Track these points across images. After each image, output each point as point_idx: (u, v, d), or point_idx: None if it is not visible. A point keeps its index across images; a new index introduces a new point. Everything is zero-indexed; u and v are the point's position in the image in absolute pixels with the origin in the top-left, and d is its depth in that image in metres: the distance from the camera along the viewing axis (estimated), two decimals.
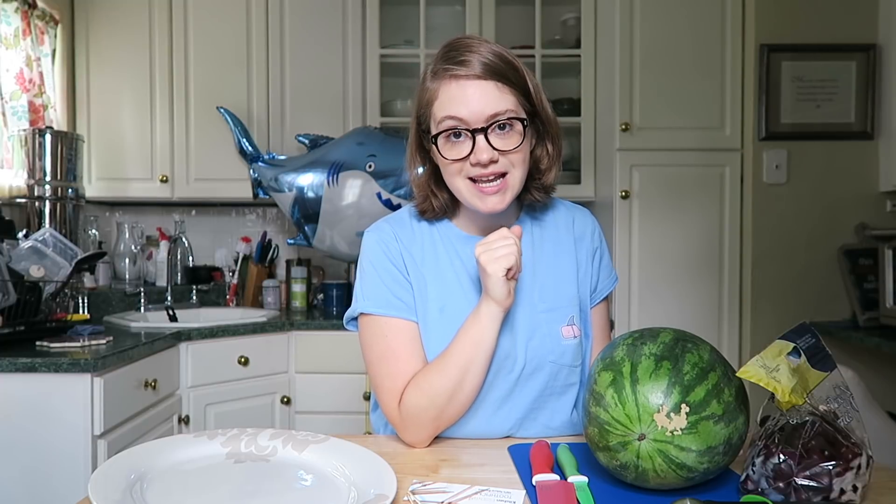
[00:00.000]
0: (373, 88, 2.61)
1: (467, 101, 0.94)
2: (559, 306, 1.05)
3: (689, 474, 0.74)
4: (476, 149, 0.95)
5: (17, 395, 1.58)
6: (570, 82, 2.76)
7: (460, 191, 1.00)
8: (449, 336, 1.00)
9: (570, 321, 1.05)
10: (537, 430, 1.05)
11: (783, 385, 0.73)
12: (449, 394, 0.96)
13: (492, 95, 0.95)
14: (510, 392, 1.03)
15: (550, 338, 1.03)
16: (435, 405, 0.96)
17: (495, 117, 0.95)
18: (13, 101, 2.26)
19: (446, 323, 1.02)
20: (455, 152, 0.97)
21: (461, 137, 0.96)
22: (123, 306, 2.55)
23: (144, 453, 0.84)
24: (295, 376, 2.32)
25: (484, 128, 0.94)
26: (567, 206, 1.14)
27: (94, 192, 2.55)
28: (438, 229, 1.09)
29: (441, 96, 0.97)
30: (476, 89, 0.95)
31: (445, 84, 0.97)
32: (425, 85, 1.01)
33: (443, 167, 1.01)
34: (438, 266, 1.06)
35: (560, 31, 2.75)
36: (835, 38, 2.31)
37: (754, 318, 2.34)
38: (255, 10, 2.59)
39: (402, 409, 0.98)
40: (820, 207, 2.32)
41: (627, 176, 2.36)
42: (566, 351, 1.04)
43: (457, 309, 1.02)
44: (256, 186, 2.57)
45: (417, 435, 0.98)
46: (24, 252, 1.86)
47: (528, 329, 1.03)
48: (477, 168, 0.96)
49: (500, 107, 0.95)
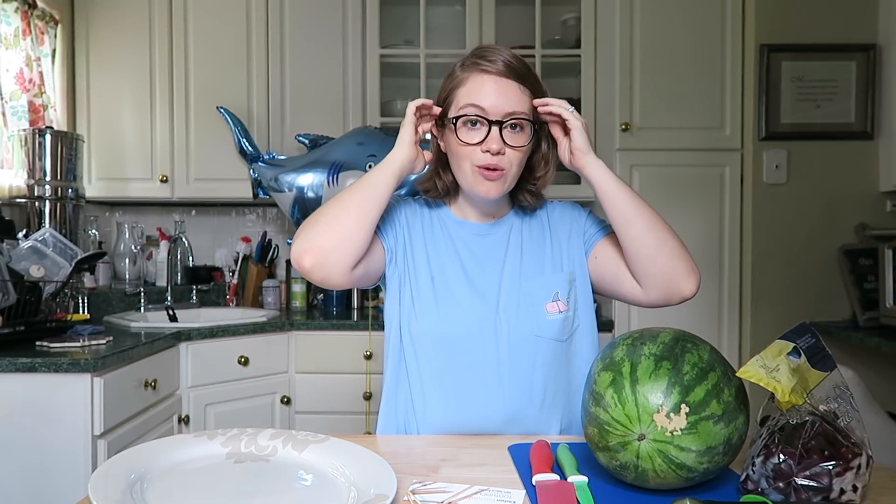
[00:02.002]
0: (373, 88, 2.61)
1: (490, 94, 1.05)
2: (543, 285, 1.11)
3: (688, 474, 0.74)
4: (489, 137, 1.04)
5: (17, 395, 1.58)
6: (570, 82, 2.76)
7: (465, 174, 1.08)
8: (438, 304, 1.09)
9: (554, 297, 1.10)
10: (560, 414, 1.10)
11: (783, 385, 0.73)
12: (328, 207, 1.05)
13: (512, 95, 1.05)
14: (505, 368, 1.07)
15: (534, 312, 1.09)
16: (315, 217, 1.05)
17: (512, 115, 1.05)
18: (13, 101, 2.26)
19: (437, 291, 1.10)
20: (469, 137, 1.06)
21: (477, 126, 1.05)
22: (123, 306, 2.55)
23: (144, 453, 0.84)
24: (295, 376, 2.32)
25: (500, 121, 1.04)
26: (552, 203, 1.22)
27: (94, 192, 2.55)
28: (437, 213, 1.18)
29: (468, 84, 1.07)
30: (500, 85, 1.05)
31: (474, 75, 1.07)
32: (454, 73, 1.10)
33: (453, 150, 1.09)
34: (435, 242, 1.15)
35: (560, 31, 2.75)
36: (835, 38, 2.31)
37: (754, 318, 2.34)
38: (255, 11, 2.59)
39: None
40: (820, 207, 2.33)
41: (627, 176, 2.36)
42: (550, 325, 1.09)
43: (445, 281, 1.11)
44: (256, 186, 2.57)
45: (297, 244, 1.03)
46: (24, 252, 1.86)
47: (515, 302, 1.10)
48: (485, 156, 1.05)
49: (518, 107, 1.05)
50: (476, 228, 1.16)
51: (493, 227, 1.16)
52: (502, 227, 1.16)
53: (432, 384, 1.09)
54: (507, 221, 1.17)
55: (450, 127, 1.08)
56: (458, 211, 1.18)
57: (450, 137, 1.09)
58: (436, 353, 1.09)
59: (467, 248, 1.14)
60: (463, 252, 1.14)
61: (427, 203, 1.20)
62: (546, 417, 1.08)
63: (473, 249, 1.14)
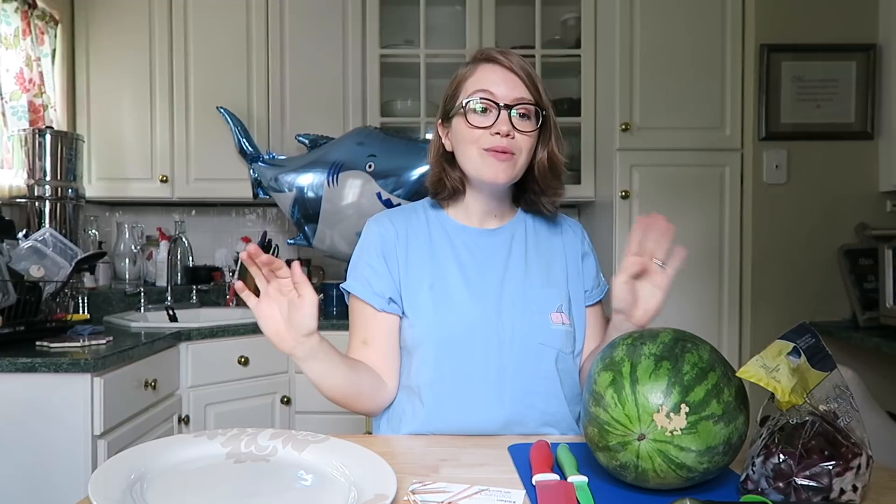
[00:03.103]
0: (373, 88, 2.61)
1: (499, 81, 1.07)
2: (549, 294, 1.11)
3: (688, 474, 0.74)
4: (499, 120, 1.06)
5: (17, 395, 1.58)
6: (570, 82, 2.76)
7: (472, 159, 1.08)
8: (436, 311, 1.09)
9: (559, 308, 1.10)
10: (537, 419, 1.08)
11: (783, 385, 0.73)
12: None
13: (520, 84, 1.07)
14: (507, 373, 1.07)
15: (539, 319, 1.09)
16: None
17: (521, 100, 1.07)
18: (13, 101, 2.26)
19: (435, 299, 1.10)
20: (479, 121, 1.07)
21: (486, 112, 1.07)
22: (123, 306, 2.55)
23: (144, 453, 0.84)
24: (295, 376, 2.32)
25: (510, 105, 1.06)
26: (560, 216, 1.23)
27: (94, 192, 2.55)
28: (438, 220, 1.17)
29: (476, 74, 1.09)
30: (509, 74, 1.08)
31: (482, 66, 1.10)
32: (460, 70, 1.13)
33: (462, 136, 1.09)
34: (433, 250, 1.14)
35: (560, 31, 2.75)
36: (835, 38, 2.31)
37: (754, 318, 2.34)
38: (255, 11, 2.59)
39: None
40: (820, 207, 2.32)
41: (627, 176, 2.36)
42: (555, 335, 1.09)
43: (444, 287, 1.10)
44: (256, 186, 2.57)
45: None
46: (24, 252, 1.86)
47: (519, 307, 1.09)
48: (494, 138, 1.05)
49: (527, 94, 1.07)
50: (478, 233, 1.15)
51: (495, 231, 1.16)
52: (505, 232, 1.16)
53: (431, 389, 1.08)
54: (510, 227, 1.17)
55: (459, 114, 1.09)
56: (459, 215, 1.17)
57: (458, 125, 1.09)
58: (436, 357, 1.08)
59: (468, 252, 1.13)
60: (463, 255, 1.13)
61: (425, 210, 1.19)
62: (545, 429, 1.08)
63: (474, 252, 1.13)
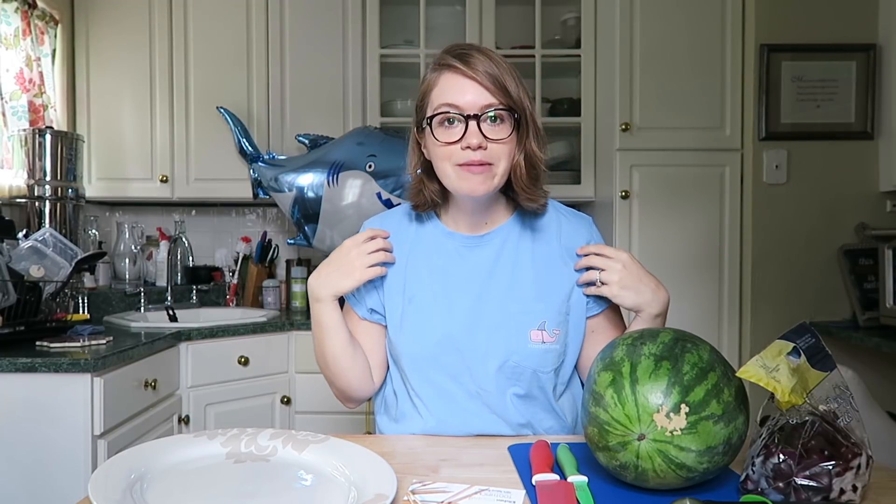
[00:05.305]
0: (373, 88, 2.61)
1: (464, 90, 1.00)
2: (532, 310, 1.05)
3: (688, 474, 0.74)
4: (468, 132, 0.99)
5: (17, 395, 1.58)
6: (570, 82, 2.76)
7: (448, 175, 1.03)
8: (417, 324, 1.07)
9: (540, 326, 1.04)
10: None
11: (783, 385, 0.73)
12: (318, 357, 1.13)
13: (485, 91, 1.00)
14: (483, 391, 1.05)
15: (517, 337, 1.04)
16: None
17: (489, 107, 1.00)
18: (13, 101, 2.26)
19: (414, 312, 1.08)
20: (447, 136, 1.01)
21: (454, 124, 1.01)
22: (123, 306, 2.55)
23: (144, 453, 0.84)
24: (295, 376, 2.32)
25: (477, 115, 0.99)
26: (557, 212, 1.14)
27: (94, 192, 2.55)
28: (426, 226, 1.14)
29: (440, 84, 1.03)
30: (473, 82, 1.00)
31: (445, 75, 1.03)
32: (425, 77, 1.07)
33: (433, 153, 1.04)
34: (416, 263, 1.11)
35: (560, 31, 2.75)
36: (835, 38, 2.31)
37: (754, 318, 2.34)
38: (255, 11, 2.59)
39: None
40: (820, 207, 2.32)
41: (627, 176, 2.36)
42: (532, 354, 1.04)
43: (421, 302, 1.08)
44: (256, 186, 2.57)
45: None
46: (24, 252, 1.86)
47: (496, 323, 1.05)
48: (466, 153, 1.00)
49: (494, 99, 1.00)
50: (464, 240, 1.10)
51: (484, 238, 1.10)
52: (495, 239, 1.10)
53: (412, 401, 1.10)
54: (501, 232, 1.10)
55: (427, 130, 1.04)
56: (448, 221, 1.13)
57: (429, 140, 1.04)
58: (415, 371, 1.08)
59: (451, 263, 1.09)
60: (447, 267, 1.09)
61: (418, 217, 1.15)
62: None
63: (458, 264, 1.09)
